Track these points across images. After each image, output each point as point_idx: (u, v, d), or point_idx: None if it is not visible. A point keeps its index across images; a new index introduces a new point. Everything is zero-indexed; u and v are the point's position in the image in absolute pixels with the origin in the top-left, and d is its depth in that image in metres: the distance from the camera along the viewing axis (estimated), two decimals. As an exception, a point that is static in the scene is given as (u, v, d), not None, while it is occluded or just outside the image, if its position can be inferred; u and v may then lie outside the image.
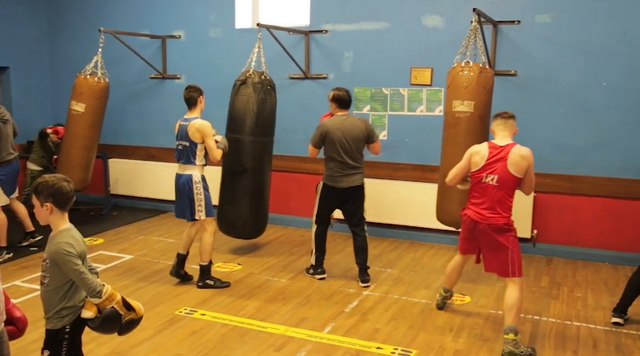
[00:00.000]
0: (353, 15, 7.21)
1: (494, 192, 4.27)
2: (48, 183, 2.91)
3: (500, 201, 4.27)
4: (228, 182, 6.37)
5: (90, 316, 2.95)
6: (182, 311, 4.92)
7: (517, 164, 4.23)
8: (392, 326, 4.69)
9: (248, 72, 6.29)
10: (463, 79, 5.52)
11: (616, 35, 6.17)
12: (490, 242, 4.32)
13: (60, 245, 2.87)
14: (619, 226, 6.37)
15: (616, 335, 4.60)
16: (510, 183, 4.26)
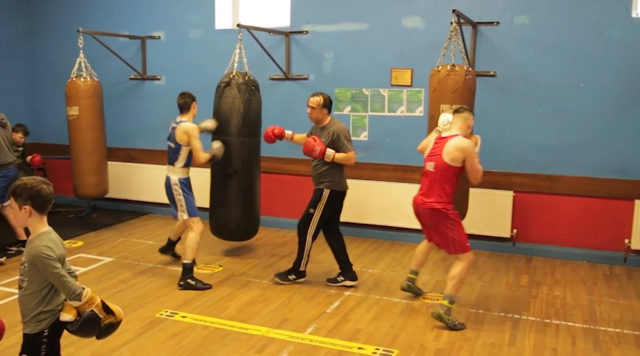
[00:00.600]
0: (333, 16, 7.22)
1: (431, 178, 4.70)
2: (27, 185, 2.87)
3: (437, 187, 4.67)
4: (219, 184, 6.35)
5: (69, 319, 2.92)
6: (162, 314, 4.89)
7: (450, 154, 4.60)
8: (373, 327, 4.70)
9: (231, 73, 6.27)
10: (450, 83, 5.59)
11: (594, 36, 6.24)
12: (430, 224, 4.81)
13: (39, 249, 2.84)
14: (596, 225, 6.45)
15: (594, 332, 4.65)
16: (446, 171, 4.64)
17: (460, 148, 4.60)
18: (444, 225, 4.69)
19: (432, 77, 5.73)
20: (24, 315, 2.93)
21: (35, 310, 2.90)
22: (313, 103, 5.40)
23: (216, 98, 6.33)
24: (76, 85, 7.22)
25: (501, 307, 5.14)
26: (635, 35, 6.11)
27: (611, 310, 5.11)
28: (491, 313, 5.01)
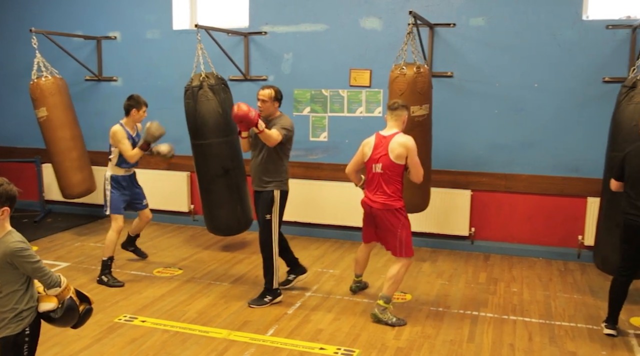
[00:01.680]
0: (292, 17, 7.21)
1: (381, 179, 4.74)
2: (5, 188, 2.82)
3: (387, 186, 4.72)
4: (213, 187, 6.33)
5: (52, 307, 2.90)
6: (121, 319, 4.81)
7: (395, 151, 4.66)
8: (335, 327, 4.71)
9: (201, 75, 6.23)
10: (418, 84, 5.65)
11: (546, 38, 6.39)
12: (382, 224, 4.82)
13: (12, 245, 2.80)
14: (551, 222, 6.60)
15: (550, 327, 4.76)
16: (393, 169, 4.70)
17: (404, 143, 4.67)
18: (394, 224, 4.75)
19: (398, 78, 5.69)
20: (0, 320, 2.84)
21: (14, 310, 2.83)
22: (264, 96, 5.09)
23: (190, 103, 6.23)
24: (39, 85, 7.04)
25: (460, 304, 5.22)
26: (585, 37, 6.27)
27: (566, 305, 5.24)
28: (450, 311, 5.08)
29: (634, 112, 5.09)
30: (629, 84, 5.21)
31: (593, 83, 6.28)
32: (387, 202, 4.74)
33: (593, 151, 6.22)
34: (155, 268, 6.11)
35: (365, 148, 4.90)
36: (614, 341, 4.49)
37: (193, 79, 6.26)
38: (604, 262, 5.37)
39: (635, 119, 5.05)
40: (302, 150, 7.33)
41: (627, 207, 4.43)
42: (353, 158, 5.06)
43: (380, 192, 4.76)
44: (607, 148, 5.44)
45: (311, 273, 5.98)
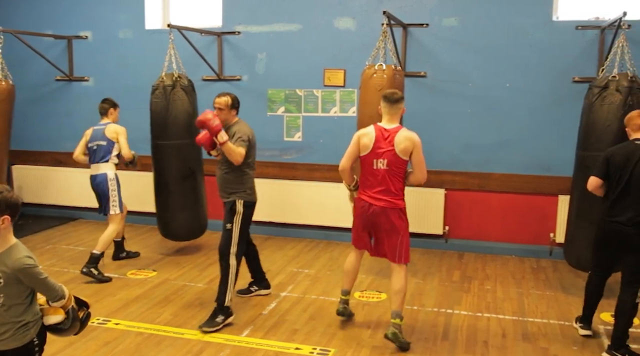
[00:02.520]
0: (265, 17, 7.20)
1: (386, 176, 4.31)
2: (4, 195, 2.71)
3: (393, 184, 4.32)
4: (177, 188, 6.27)
5: (60, 320, 2.85)
6: (94, 322, 4.74)
7: (401, 144, 4.26)
8: (310, 326, 4.71)
9: (174, 75, 6.22)
10: (397, 81, 5.65)
11: (518, 38, 6.47)
12: (385, 225, 4.36)
13: (22, 261, 2.70)
14: (524, 220, 6.68)
15: (523, 324, 4.82)
16: (400, 165, 4.31)
17: (411, 138, 4.28)
18: (398, 224, 4.37)
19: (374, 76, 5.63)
20: (2, 332, 2.75)
21: (19, 323, 2.76)
22: (221, 104, 4.83)
23: (159, 102, 6.17)
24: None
25: (435, 303, 5.25)
26: (556, 38, 6.36)
27: (538, 302, 5.31)
28: (425, 309, 5.11)
29: (607, 112, 5.14)
30: (601, 85, 5.26)
31: (563, 83, 6.38)
32: (394, 200, 4.33)
33: (564, 150, 6.30)
34: (129, 270, 6.04)
35: (364, 140, 4.38)
36: (584, 337, 4.55)
37: (164, 78, 6.22)
38: (578, 260, 5.40)
39: (610, 119, 5.11)
40: (276, 150, 7.32)
41: (609, 212, 4.27)
42: (347, 152, 4.49)
43: (385, 190, 4.32)
44: (577, 148, 5.52)
45: (286, 274, 5.98)
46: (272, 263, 6.32)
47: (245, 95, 7.28)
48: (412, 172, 4.41)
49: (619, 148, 4.35)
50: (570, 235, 5.56)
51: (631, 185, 4.16)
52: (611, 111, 5.14)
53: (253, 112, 7.30)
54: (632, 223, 4.15)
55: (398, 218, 4.37)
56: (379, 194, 4.35)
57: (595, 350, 4.34)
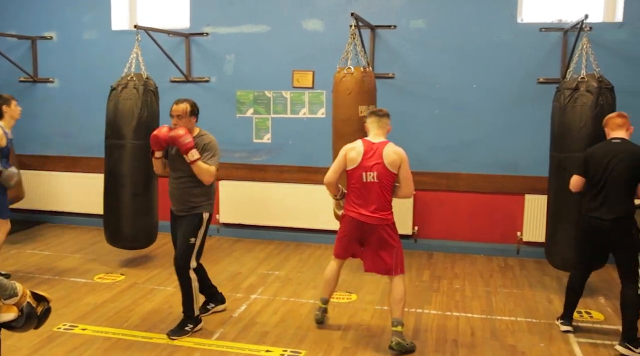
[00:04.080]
0: (234, 18, 7.17)
1: (376, 190, 4.29)
2: None
3: (383, 198, 4.30)
4: (144, 191, 6.11)
5: (13, 317, 2.77)
6: (60, 328, 4.66)
7: (389, 157, 4.27)
8: (280, 328, 4.70)
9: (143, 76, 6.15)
10: (366, 84, 5.66)
11: (484, 39, 6.56)
12: (378, 240, 4.33)
13: None
14: (491, 219, 6.77)
15: (491, 322, 4.88)
16: (389, 179, 4.30)
17: (399, 152, 4.32)
18: (392, 238, 4.35)
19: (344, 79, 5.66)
20: None
21: None
22: (179, 111, 4.50)
23: (133, 101, 6.05)
24: None
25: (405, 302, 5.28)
26: (521, 39, 6.47)
27: (506, 300, 5.38)
28: (395, 309, 5.13)
29: (580, 114, 5.22)
30: (572, 86, 5.32)
31: (528, 84, 6.48)
32: (384, 216, 4.32)
33: (530, 149, 6.42)
34: (96, 274, 5.96)
35: (351, 154, 4.35)
36: (551, 334, 4.64)
37: (122, 78, 6.11)
38: (564, 261, 5.38)
39: (583, 120, 5.21)
40: (245, 152, 7.30)
41: (589, 208, 4.41)
42: (334, 165, 4.47)
43: (376, 204, 4.30)
44: (550, 149, 5.57)
45: (256, 276, 5.96)
46: (242, 265, 6.30)
47: (214, 97, 7.30)
48: (400, 186, 4.39)
49: (597, 147, 4.50)
50: (551, 236, 5.57)
51: (610, 183, 4.32)
52: (584, 112, 5.21)
53: (222, 114, 7.29)
54: (611, 219, 4.30)
55: (391, 231, 4.36)
56: (370, 210, 4.31)
57: (562, 346, 4.42)
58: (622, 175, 4.28)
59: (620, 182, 4.30)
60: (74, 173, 7.82)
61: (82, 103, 7.70)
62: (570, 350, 4.35)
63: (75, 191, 7.78)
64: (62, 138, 7.88)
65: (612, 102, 5.26)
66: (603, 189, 4.34)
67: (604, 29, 6.28)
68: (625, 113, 4.53)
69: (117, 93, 6.07)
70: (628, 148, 4.34)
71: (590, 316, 4.97)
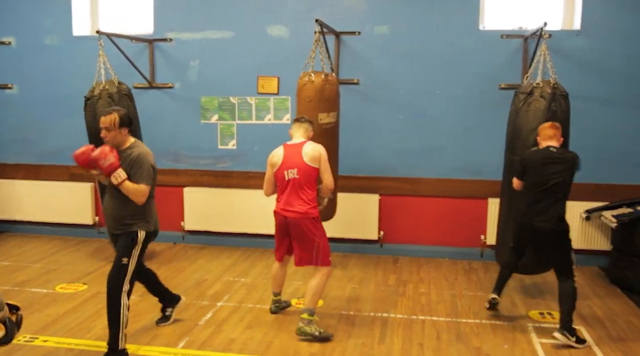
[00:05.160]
0: (198, 24, 7.12)
1: (296, 184, 4.61)
2: None
3: (302, 193, 4.61)
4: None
5: (1, 335, 2.66)
6: (21, 340, 4.55)
7: (308, 154, 4.61)
8: (247, 335, 4.68)
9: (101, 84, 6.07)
10: (326, 92, 5.67)
11: (446, 46, 6.64)
12: (299, 234, 4.63)
13: None
14: (456, 223, 6.85)
15: (456, 325, 4.93)
16: (309, 172, 4.61)
17: (316, 148, 4.65)
18: (312, 232, 4.60)
19: (306, 86, 5.68)
20: None
21: None
22: (106, 123, 4.19)
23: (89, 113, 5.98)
24: None
25: (371, 307, 5.31)
26: (482, 46, 6.58)
27: (471, 303, 5.45)
28: (362, 314, 5.16)
29: (532, 118, 5.37)
30: (526, 91, 5.48)
31: (490, 89, 6.59)
32: (306, 210, 4.59)
33: (492, 154, 6.51)
34: (57, 284, 5.84)
35: (274, 159, 4.74)
36: (515, 335, 4.71)
37: (94, 88, 6.06)
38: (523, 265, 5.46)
39: (534, 124, 5.34)
40: (210, 158, 7.25)
41: (524, 209, 4.72)
42: (265, 178, 4.83)
43: (296, 200, 4.60)
44: (505, 151, 5.72)
45: (222, 283, 5.92)
46: (208, 272, 6.25)
47: (178, 103, 7.24)
48: (321, 176, 4.67)
49: (535, 152, 4.76)
50: (502, 237, 5.70)
51: (548, 188, 4.57)
52: (536, 116, 5.36)
53: (186, 120, 7.24)
54: (549, 223, 4.56)
55: (312, 226, 4.63)
56: (290, 205, 4.63)
57: (525, 347, 4.50)
58: (559, 181, 4.54)
59: (558, 187, 4.55)
60: (34, 181, 7.65)
61: (42, 109, 7.55)
62: (532, 350, 4.43)
63: (36, 199, 7.62)
64: (22, 146, 7.70)
65: (566, 109, 5.41)
66: (541, 194, 4.60)
67: (563, 37, 6.43)
68: (557, 124, 4.77)
69: (93, 103, 5.99)
70: (565, 156, 4.62)
71: (552, 317, 5.07)
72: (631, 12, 6.33)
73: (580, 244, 6.53)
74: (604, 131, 6.47)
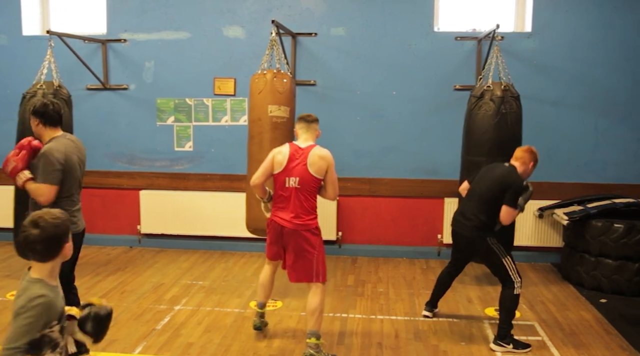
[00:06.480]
0: (152, 25, 7.03)
1: (297, 195, 4.22)
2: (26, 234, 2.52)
3: (304, 204, 4.23)
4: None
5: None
6: (-30, 348, 4.42)
7: (315, 164, 4.21)
8: (205, 339, 4.63)
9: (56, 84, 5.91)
10: (277, 84, 5.56)
11: (402, 48, 6.72)
12: (296, 246, 4.25)
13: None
14: (413, 223, 6.93)
15: (415, 323, 4.99)
16: (311, 184, 4.23)
17: (325, 157, 4.25)
18: (311, 245, 4.24)
19: (257, 80, 5.62)
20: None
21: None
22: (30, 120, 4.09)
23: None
24: None
25: (330, 308, 5.32)
26: (437, 48, 6.67)
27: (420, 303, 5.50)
28: (321, 315, 5.16)
29: (482, 120, 5.50)
30: (477, 94, 5.62)
31: (445, 90, 6.69)
32: (305, 222, 4.23)
33: (448, 154, 6.62)
34: (8, 291, 5.68)
35: (278, 157, 4.28)
36: (471, 332, 4.79)
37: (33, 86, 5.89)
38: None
39: (484, 127, 5.48)
40: (166, 160, 7.17)
41: (457, 215, 4.78)
42: (261, 168, 4.35)
43: (296, 210, 4.22)
44: (462, 152, 5.84)
45: (180, 286, 5.85)
46: (165, 276, 6.17)
47: (133, 105, 7.14)
48: (324, 187, 4.34)
49: (493, 165, 4.76)
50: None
51: (477, 194, 4.65)
52: (486, 119, 5.50)
53: (142, 122, 7.14)
54: (468, 226, 4.61)
55: (311, 236, 4.26)
56: (290, 215, 4.24)
57: (481, 343, 4.57)
58: (485, 191, 4.56)
59: (483, 197, 4.56)
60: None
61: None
62: (488, 346, 4.50)
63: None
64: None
65: (517, 110, 5.55)
66: (470, 199, 4.69)
67: (515, 39, 6.57)
68: (534, 150, 4.59)
69: (26, 102, 5.82)
70: (503, 172, 4.53)
71: (507, 314, 5.16)
72: (579, 16, 6.52)
73: (533, 241, 6.70)
74: (556, 131, 6.64)
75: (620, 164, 6.65)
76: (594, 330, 4.87)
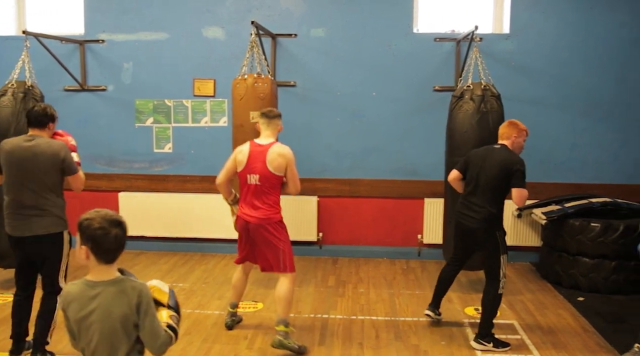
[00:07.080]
0: (131, 25, 6.98)
1: (259, 191, 4.35)
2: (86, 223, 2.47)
3: (266, 199, 4.36)
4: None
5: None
6: (-55, 354, 4.35)
7: (275, 161, 4.32)
8: (185, 342, 4.60)
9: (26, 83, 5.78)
10: (259, 89, 5.60)
11: (381, 49, 6.74)
12: (263, 239, 4.39)
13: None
14: (393, 223, 6.96)
15: (395, 323, 5.00)
16: (272, 181, 4.35)
17: (284, 154, 4.36)
18: (276, 237, 4.39)
19: (238, 85, 5.67)
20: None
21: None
22: None
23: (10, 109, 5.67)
24: None
25: (311, 309, 5.32)
26: (416, 49, 6.70)
27: (409, 301, 5.53)
28: (302, 316, 5.16)
29: (463, 120, 5.54)
30: (458, 94, 5.67)
31: (425, 91, 6.73)
32: (267, 215, 4.36)
33: (428, 154, 6.66)
34: (-15, 295, 5.61)
35: (239, 156, 4.42)
36: (452, 332, 4.81)
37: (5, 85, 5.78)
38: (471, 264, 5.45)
39: (465, 126, 5.51)
40: (145, 162, 7.11)
41: (462, 207, 4.66)
42: (224, 167, 4.53)
43: (258, 205, 4.36)
44: (445, 153, 5.84)
45: (160, 289, 5.80)
46: (145, 278, 6.06)
47: (112, 106, 7.08)
48: (286, 183, 4.45)
49: (478, 150, 4.73)
50: (447, 236, 5.78)
51: (480, 184, 4.54)
52: (466, 118, 5.54)
53: (120, 124, 7.09)
54: (476, 219, 4.51)
55: (275, 230, 4.40)
56: (252, 210, 4.38)
57: (462, 343, 4.60)
58: (490, 179, 4.49)
59: (488, 185, 4.50)
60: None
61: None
62: (468, 345, 4.53)
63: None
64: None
65: (498, 109, 5.58)
66: (473, 190, 4.58)
67: (493, 40, 6.62)
68: (514, 121, 4.67)
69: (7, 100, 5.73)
70: (501, 155, 4.51)
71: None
72: (556, 18, 6.59)
73: (512, 241, 6.75)
74: (534, 131, 6.61)
75: (598, 164, 6.73)
76: (572, 328, 4.93)
